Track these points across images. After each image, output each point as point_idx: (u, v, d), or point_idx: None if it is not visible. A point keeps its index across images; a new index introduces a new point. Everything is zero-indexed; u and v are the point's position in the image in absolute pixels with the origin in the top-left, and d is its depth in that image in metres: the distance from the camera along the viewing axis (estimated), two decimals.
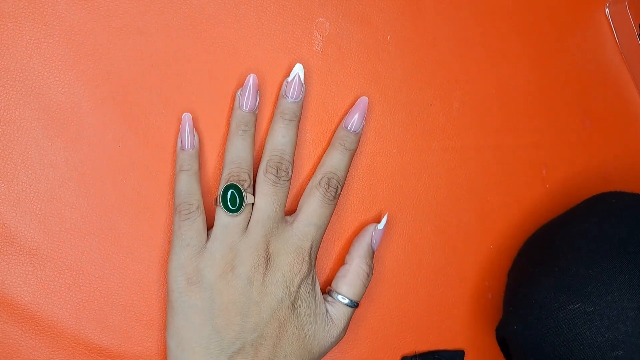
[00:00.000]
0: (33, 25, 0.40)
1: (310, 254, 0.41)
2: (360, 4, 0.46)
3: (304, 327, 0.40)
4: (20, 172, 0.40)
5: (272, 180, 0.40)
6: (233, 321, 0.38)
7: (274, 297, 0.39)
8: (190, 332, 0.38)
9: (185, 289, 0.38)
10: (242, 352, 0.38)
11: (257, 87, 0.42)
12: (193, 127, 0.41)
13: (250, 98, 0.41)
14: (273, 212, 0.40)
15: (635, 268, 0.37)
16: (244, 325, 0.38)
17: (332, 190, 0.42)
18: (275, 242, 0.40)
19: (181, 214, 0.39)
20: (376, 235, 0.44)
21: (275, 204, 0.40)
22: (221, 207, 0.39)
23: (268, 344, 0.39)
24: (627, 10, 0.50)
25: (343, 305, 0.42)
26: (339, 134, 0.44)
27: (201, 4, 0.43)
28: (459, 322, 0.49)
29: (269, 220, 0.40)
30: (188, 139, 0.40)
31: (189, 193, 0.40)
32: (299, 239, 0.41)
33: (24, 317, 0.40)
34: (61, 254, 0.41)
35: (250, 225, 0.40)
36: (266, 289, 0.39)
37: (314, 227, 0.41)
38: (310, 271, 0.41)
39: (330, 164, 0.43)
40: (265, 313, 0.39)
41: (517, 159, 0.50)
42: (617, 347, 0.35)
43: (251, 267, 0.39)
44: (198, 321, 0.38)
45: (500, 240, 0.49)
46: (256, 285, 0.39)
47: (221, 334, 0.38)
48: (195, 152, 0.41)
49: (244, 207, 0.39)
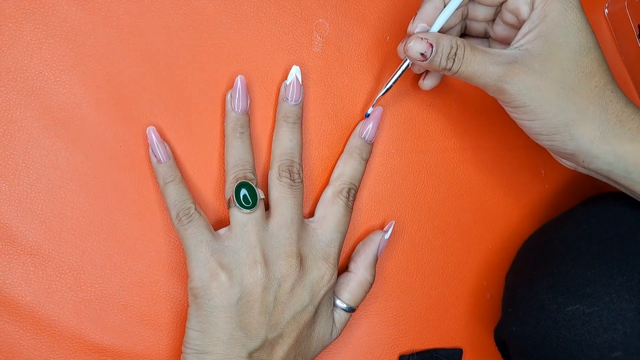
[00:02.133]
0: (34, 26, 0.40)
1: (336, 262, 0.41)
2: (359, 5, 0.46)
3: (315, 330, 0.41)
4: (22, 172, 0.40)
5: (288, 183, 0.41)
6: (258, 320, 0.38)
7: (301, 301, 0.39)
8: (214, 327, 0.38)
9: (210, 285, 0.38)
10: (261, 349, 0.38)
11: (247, 88, 0.42)
12: (161, 138, 0.41)
13: (241, 100, 0.41)
14: (295, 215, 0.40)
15: (634, 269, 0.37)
16: (267, 324, 0.38)
17: (352, 200, 0.43)
18: (303, 246, 0.40)
19: (182, 220, 0.39)
20: (382, 245, 0.45)
21: (295, 206, 0.40)
22: (236, 206, 0.39)
23: (285, 343, 0.39)
24: (626, 10, 0.50)
25: (342, 310, 0.43)
26: (356, 143, 0.44)
27: (201, 5, 0.43)
28: (458, 322, 0.49)
29: (292, 224, 0.40)
30: (161, 151, 0.40)
31: (182, 200, 0.40)
32: (326, 245, 0.41)
33: (24, 317, 0.40)
34: (62, 253, 0.41)
35: (275, 229, 0.40)
36: (294, 292, 0.39)
37: (340, 235, 0.42)
38: (335, 280, 0.42)
39: (348, 173, 0.43)
40: (288, 315, 0.39)
41: (516, 159, 0.50)
42: (616, 348, 0.36)
43: (283, 270, 0.39)
44: (223, 318, 0.38)
45: (499, 241, 0.50)
46: (285, 287, 0.39)
47: (245, 330, 0.38)
48: (173, 162, 0.41)
49: (258, 203, 0.39)
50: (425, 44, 0.38)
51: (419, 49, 0.38)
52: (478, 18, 0.42)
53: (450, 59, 0.38)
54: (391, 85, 0.42)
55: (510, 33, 0.41)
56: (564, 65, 0.37)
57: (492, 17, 0.42)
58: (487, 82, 0.38)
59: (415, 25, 0.40)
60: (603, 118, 0.37)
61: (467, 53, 0.37)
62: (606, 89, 0.37)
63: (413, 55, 0.38)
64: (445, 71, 0.38)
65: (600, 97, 0.37)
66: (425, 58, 0.38)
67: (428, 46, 0.38)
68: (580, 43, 0.37)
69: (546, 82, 0.37)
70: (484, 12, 0.41)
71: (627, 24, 0.50)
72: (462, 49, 0.37)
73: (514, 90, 0.37)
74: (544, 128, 0.38)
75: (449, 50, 0.38)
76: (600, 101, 0.37)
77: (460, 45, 0.38)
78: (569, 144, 0.38)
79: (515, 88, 0.37)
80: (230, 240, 0.39)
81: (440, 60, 0.38)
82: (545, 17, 0.37)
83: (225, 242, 0.39)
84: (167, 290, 0.42)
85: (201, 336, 0.38)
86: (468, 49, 0.37)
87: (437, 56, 0.38)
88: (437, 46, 0.38)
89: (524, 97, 0.37)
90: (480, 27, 0.43)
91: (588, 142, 0.37)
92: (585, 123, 0.37)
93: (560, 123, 0.37)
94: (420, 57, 0.38)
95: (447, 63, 0.38)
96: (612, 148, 0.37)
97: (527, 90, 0.37)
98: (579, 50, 0.37)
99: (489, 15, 0.42)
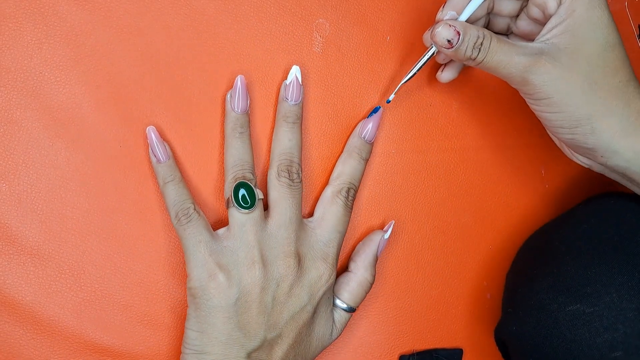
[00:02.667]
0: (34, 26, 0.40)
1: (335, 261, 0.41)
2: (359, 5, 0.46)
3: (315, 330, 0.41)
4: (22, 173, 0.40)
5: (287, 183, 0.41)
6: (256, 320, 0.38)
7: (299, 301, 0.39)
8: (212, 327, 0.38)
9: (208, 285, 0.38)
10: (259, 349, 0.39)
11: (246, 88, 0.42)
12: (161, 138, 0.41)
13: (241, 100, 0.41)
14: (293, 215, 0.40)
15: (634, 269, 0.37)
16: (265, 324, 0.39)
17: (351, 199, 0.43)
18: (302, 246, 0.41)
19: (181, 220, 0.39)
20: (382, 244, 0.45)
21: (294, 206, 0.40)
22: (235, 206, 0.39)
23: (284, 343, 0.39)
24: (626, 10, 0.50)
25: (342, 310, 0.43)
26: (355, 143, 0.44)
27: (201, 5, 0.43)
28: (458, 322, 0.49)
29: (291, 223, 0.40)
30: (160, 151, 0.40)
31: (181, 200, 0.40)
32: (325, 245, 0.41)
33: (25, 317, 0.40)
34: (62, 253, 0.41)
35: (274, 229, 0.40)
36: (292, 292, 0.39)
37: (339, 235, 0.42)
38: (334, 280, 0.42)
39: (348, 173, 0.43)
40: (287, 315, 0.39)
41: (516, 159, 0.50)
42: (616, 348, 0.36)
43: (281, 270, 0.39)
44: (222, 318, 0.38)
45: (499, 240, 0.50)
46: (283, 287, 0.39)
47: (243, 330, 0.38)
48: (172, 162, 0.41)
49: (257, 203, 0.39)
50: (453, 31, 0.38)
51: (446, 35, 0.38)
52: (503, 12, 0.42)
53: (476, 48, 0.38)
54: (415, 72, 0.42)
55: (533, 29, 0.41)
56: (591, 60, 0.37)
57: (516, 12, 0.42)
58: (511, 73, 0.38)
59: (445, 12, 0.40)
60: (625, 113, 0.37)
61: (493, 43, 0.37)
62: (629, 85, 0.38)
63: (439, 42, 0.38)
64: (469, 61, 0.38)
65: (623, 92, 0.37)
66: (451, 45, 0.38)
67: (455, 33, 0.38)
68: (606, 39, 0.37)
69: (573, 74, 0.37)
70: (510, 6, 0.42)
71: (627, 24, 0.50)
72: (488, 39, 0.38)
73: (539, 81, 0.37)
74: (566, 121, 0.38)
75: (476, 39, 0.38)
76: (623, 96, 0.37)
77: (487, 36, 0.38)
78: (589, 138, 0.38)
79: (540, 79, 0.37)
80: (229, 241, 0.39)
81: (466, 49, 0.38)
82: (573, 12, 0.37)
83: (223, 242, 0.39)
84: (167, 291, 0.42)
85: (200, 336, 0.38)
86: (495, 40, 0.38)
87: (463, 44, 0.38)
88: (464, 34, 0.38)
89: (548, 88, 0.37)
90: (503, 22, 0.43)
91: (609, 137, 0.38)
92: (607, 117, 0.37)
93: (583, 116, 0.37)
94: (447, 44, 0.38)
95: (473, 52, 0.38)
96: (632, 144, 0.38)
97: (553, 82, 0.37)
98: (605, 46, 0.37)
99: (514, 10, 0.42)
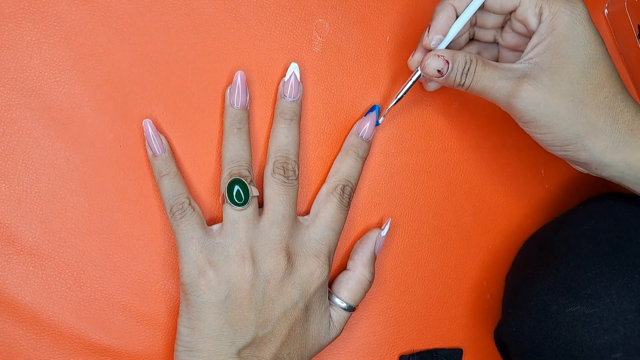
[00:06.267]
0: (34, 26, 0.40)
1: (327, 259, 0.41)
2: (359, 5, 0.46)
3: (309, 328, 0.41)
4: (21, 172, 0.40)
5: (282, 180, 0.40)
6: (247, 316, 0.38)
7: (290, 298, 0.39)
8: (203, 324, 0.38)
9: (198, 282, 0.38)
10: (251, 346, 0.39)
11: (246, 83, 0.42)
12: (157, 131, 0.41)
13: (240, 95, 0.41)
14: (287, 212, 0.40)
15: (634, 270, 0.37)
16: (256, 321, 0.39)
17: (347, 197, 0.43)
18: (294, 243, 0.40)
19: (176, 214, 0.39)
20: (379, 242, 0.44)
21: (288, 203, 0.40)
22: (228, 203, 0.39)
23: (276, 340, 0.39)
24: (626, 10, 0.50)
25: (341, 309, 0.43)
26: (352, 141, 0.44)
27: (201, 5, 0.43)
28: (458, 322, 0.49)
29: (284, 220, 0.40)
30: (157, 144, 0.40)
31: (176, 194, 0.40)
32: (317, 243, 0.41)
33: (24, 317, 0.40)
34: (62, 253, 0.41)
35: (266, 226, 0.40)
36: (283, 288, 0.39)
37: (333, 232, 0.42)
38: (327, 276, 0.41)
39: (344, 170, 0.43)
40: (278, 311, 0.39)
41: (516, 159, 0.50)
42: (616, 349, 0.36)
43: (271, 266, 0.39)
44: (212, 315, 0.38)
45: (499, 241, 0.50)
46: (273, 284, 0.39)
47: (234, 327, 0.38)
48: (169, 155, 0.41)
49: (251, 200, 0.39)
50: (442, 61, 0.38)
51: (435, 65, 0.38)
52: (487, 26, 0.42)
53: (464, 74, 0.38)
54: (402, 95, 0.43)
55: (519, 41, 0.41)
56: (573, 78, 0.37)
57: (500, 24, 0.42)
58: (496, 97, 0.38)
59: (431, 37, 0.40)
60: (614, 128, 0.37)
61: (478, 68, 0.38)
62: (616, 98, 0.38)
63: (430, 72, 0.39)
64: (458, 86, 0.39)
65: (610, 107, 0.38)
66: (441, 74, 0.38)
67: (444, 63, 0.38)
68: (589, 55, 0.37)
69: (555, 96, 0.37)
70: (493, 20, 0.42)
71: (627, 24, 0.50)
72: (474, 63, 0.38)
73: (523, 106, 0.37)
74: (557, 140, 0.38)
75: (464, 65, 0.38)
76: (610, 112, 0.38)
77: (474, 60, 0.38)
78: (581, 154, 0.38)
79: (523, 103, 0.37)
80: (221, 237, 0.40)
81: (455, 76, 0.38)
82: (553, 30, 0.37)
83: (216, 238, 0.40)
84: (167, 291, 0.42)
85: (191, 333, 0.38)
86: (480, 64, 0.38)
87: (452, 72, 0.38)
88: (452, 63, 0.38)
89: (533, 112, 0.37)
90: (489, 34, 0.43)
91: (600, 152, 0.38)
92: (596, 134, 0.37)
93: (572, 135, 0.38)
94: (437, 74, 0.39)
95: (462, 79, 0.38)
96: (624, 157, 0.38)
97: (536, 106, 0.37)
98: (588, 62, 0.37)
99: (497, 23, 0.42)
